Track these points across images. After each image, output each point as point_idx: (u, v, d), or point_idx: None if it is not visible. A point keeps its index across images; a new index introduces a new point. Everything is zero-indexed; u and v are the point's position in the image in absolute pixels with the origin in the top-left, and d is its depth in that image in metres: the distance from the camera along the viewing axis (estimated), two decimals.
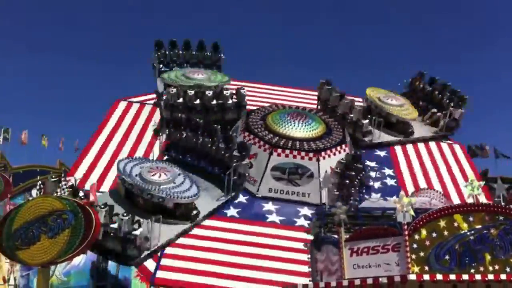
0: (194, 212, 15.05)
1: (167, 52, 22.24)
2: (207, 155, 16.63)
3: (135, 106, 20.71)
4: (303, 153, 16.67)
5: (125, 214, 13.84)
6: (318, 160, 16.67)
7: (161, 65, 21.93)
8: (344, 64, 61.56)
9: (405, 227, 9.91)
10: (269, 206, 16.14)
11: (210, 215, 15.40)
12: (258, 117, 18.11)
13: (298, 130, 17.49)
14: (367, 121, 19.21)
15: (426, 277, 9.66)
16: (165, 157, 17.19)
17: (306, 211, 15.86)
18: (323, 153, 16.86)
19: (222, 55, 22.84)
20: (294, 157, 16.70)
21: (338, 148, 17.38)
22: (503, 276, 9.92)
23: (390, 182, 17.99)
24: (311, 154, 16.68)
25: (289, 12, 65.29)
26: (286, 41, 62.54)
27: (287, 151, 16.71)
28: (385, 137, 19.74)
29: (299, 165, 16.60)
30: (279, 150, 16.73)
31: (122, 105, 20.68)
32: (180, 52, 22.46)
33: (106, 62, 62.50)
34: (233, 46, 55.75)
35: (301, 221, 15.57)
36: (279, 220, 15.67)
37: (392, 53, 62.18)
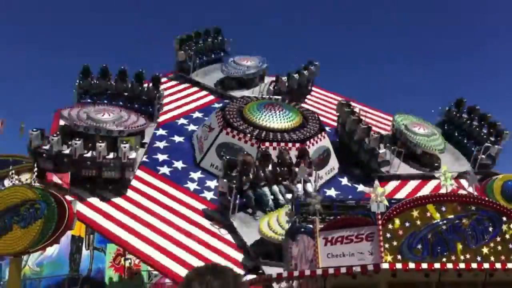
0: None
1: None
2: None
3: None
4: (290, 144, 16.72)
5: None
6: (259, 147, 16.72)
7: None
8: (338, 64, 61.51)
9: (379, 216, 9.98)
10: None
11: None
12: (234, 110, 17.98)
13: (279, 121, 17.51)
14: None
15: (399, 266, 9.75)
16: None
17: None
18: (307, 143, 16.96)
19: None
20: (239, 139, 16.81)
21: (319, 136, 17.56)
22: (474, 265, 10.06)
23: None
24: (297, 145, 16.75)
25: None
26: None
27: (274, 144, 16.73)
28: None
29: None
30: (267, 144, 16.79)
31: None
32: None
33: None
34: None
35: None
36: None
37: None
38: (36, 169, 14.40)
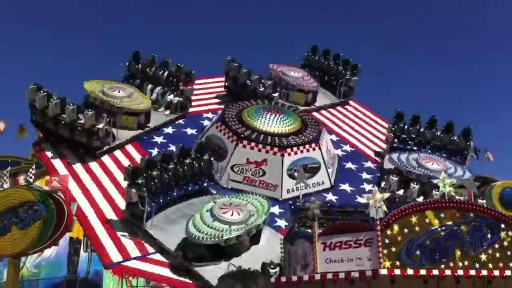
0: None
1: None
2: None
3: None
4: (268, 147, 16.64)
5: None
6: (282, 155, 16.64)
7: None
8: None
9: (378, 222, 10.00)
10: None
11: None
12: (235, 111, 18.00)
13: (272, 125, 17.40)
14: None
15: (397, 272, 9.77)
16: None
17: None
18: (288, 150, 16.76)
19: None
20: (259, 150, 16.65)
21: (307, 146, 17.02)
22: (472, 272, 10.11)
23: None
24: (276, 149, 16.65)
25: None
26: None
27: (253, 144, 16.64)
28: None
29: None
30: (245, 142, 16.69)
31: None
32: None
33: None
34: None
35: None
36: None
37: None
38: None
